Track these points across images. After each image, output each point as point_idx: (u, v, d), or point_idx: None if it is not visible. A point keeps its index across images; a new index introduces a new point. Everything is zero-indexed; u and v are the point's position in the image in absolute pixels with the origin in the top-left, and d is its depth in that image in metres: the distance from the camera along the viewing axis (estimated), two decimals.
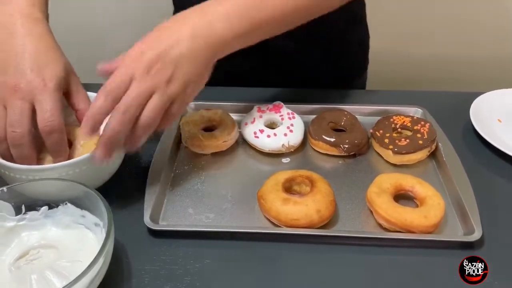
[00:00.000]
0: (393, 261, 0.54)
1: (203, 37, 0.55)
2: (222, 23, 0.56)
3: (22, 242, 0.52)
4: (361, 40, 0.93)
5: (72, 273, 0.46)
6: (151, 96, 0.53)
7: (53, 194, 0.53)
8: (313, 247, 0.55)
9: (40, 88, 0.54)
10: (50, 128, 0.54)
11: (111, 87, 0.53)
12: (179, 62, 0.54)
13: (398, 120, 0.70)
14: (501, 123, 0.75)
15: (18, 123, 0.54)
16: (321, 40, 0.85)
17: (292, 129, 0.68)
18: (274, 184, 0.59)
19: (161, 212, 0.59)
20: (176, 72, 0.54)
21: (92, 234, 0.53)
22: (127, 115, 0.52)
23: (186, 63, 0.54)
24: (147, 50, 0.54)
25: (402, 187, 0.60)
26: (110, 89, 0.52)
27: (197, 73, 0.56)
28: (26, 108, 0.54)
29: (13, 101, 0.54)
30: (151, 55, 0.53)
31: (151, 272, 0.52)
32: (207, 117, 0.72)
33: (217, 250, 0.55)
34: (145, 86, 0.53)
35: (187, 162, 0.68)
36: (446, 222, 0.58)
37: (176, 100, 0.55)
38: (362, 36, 0.93)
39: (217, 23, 0.56)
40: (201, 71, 0.56)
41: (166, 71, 0.53)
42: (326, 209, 0.56)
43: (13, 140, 0.54)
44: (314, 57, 0.86)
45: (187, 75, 0.55)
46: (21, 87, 0.54)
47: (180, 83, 0.54)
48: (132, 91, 0.52)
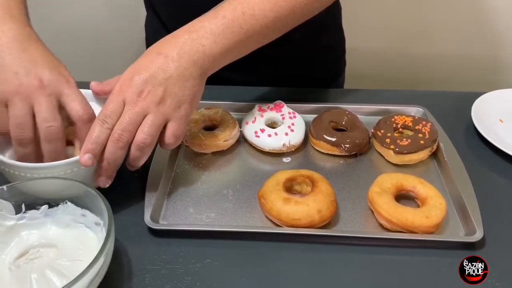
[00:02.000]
0: (394, 261, 0.53)
1: (190, 55, 0.57)
2: (208, 40, 0.57)
3: (22, 241, 0.52)
4: (333, 44, 0.92)
5: (72, 272, 0.46)
6: (144, 118, 0.55)
7: (53, 193, 0.53)
8: (314, 247, 0.55)
9: (65, 83, 0.56)
10: (88, 116, 0.56)
11: (105, 114, 0.54)
12: (168, 83, 0.55)
13: (400, 120, 0.70)
14: (503, 123, 0.74)
15: (52, 117, 0.54)
16: (294, 44, 0.84)
17: (293, 129, 0.68)
18: (275, 184, 0.59)
19: (161, 212, 0.59)
20: (167, 93, 0.55)
21: (92, 233, 0.52)
22: (122, 141, 0.54)
23: (175, 83, 0.56)
24: (136, 75, 0.56)
25: (403, 187, 0.60)
26: (104, 117, 0.54)
27: (187, 92, 0.57)
28: (55, 103, 0.55)
29: (41, 97, 0.54)
30: (140, 79, 0.55)
31: (151, 272, 0.52)
32: (208, 116, 0.71)
33: (217, 249, 0.55)
34: (137, 109, 0.54)
35: (187, 161, 0.68)
36: (448, 222, 0.58)
37: (172, 119, 0.56)
38: (333, 40, 0.92)
39: (203, 40, 0.57)
40: (193, 87, 0.57)
41: (156, 93, 0.55)
42: (327, 209, 0.56)
43: (50, 135, 0.54)
44: (287, 61, 0.86)
45: (178, 94, 0.56)
46: (46, 84, 0.55)
47: (172, 102, 0.56)
48: (124, 117, 0.54)
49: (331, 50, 0.93)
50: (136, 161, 0.56)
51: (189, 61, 0.56)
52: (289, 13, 0.62)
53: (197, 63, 0.57)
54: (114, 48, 1.31)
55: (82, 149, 0.54)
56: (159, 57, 0.56)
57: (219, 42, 0.58)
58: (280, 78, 0.86)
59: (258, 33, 0.60)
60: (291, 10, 0.61)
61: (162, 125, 0.56)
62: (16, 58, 0.55)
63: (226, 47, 0.58)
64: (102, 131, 0.54)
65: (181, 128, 0.58)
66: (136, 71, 0.56)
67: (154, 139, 0.55)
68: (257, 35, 0.61)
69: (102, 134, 0.54)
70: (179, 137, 0.58)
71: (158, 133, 0.56)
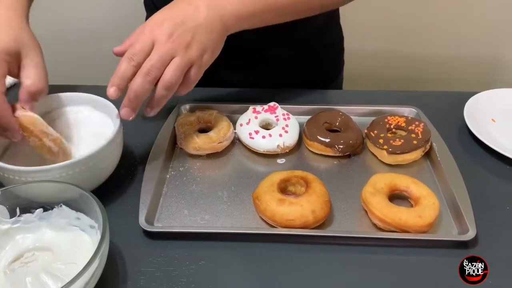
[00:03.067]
0: (388, 261, 0.54)
1: (218, 9, 0.61)
2: (236, 1, 0.62)
3: (16, 245, 0.52)
4: (334, 42, 0.93)
5: (67, 276, 0.45)
6: (172, 60, 0.58)
7: (48, 196, 0.53)
8: (308, 247, 0.55)
9: None
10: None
11: (134, 51, 0.57)
12: (196, 31, 0.59)
13: (393, 120, 0.70)
14: (495, 123, 0.75)
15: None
16: (291, 42, 0.85)
17: (287, 130, 0.68)
18: (270, 185, 0.59)
19: (156, 214, 0.59)
20: (194, 39, 0.59)
21: (87, 236, 0.52)
22: (150, 75, 0.57)
23: (203, 32, 0.59)
24: (167, 19, 0.59)
25: (396, 187, 0.60)
26: (133, 54, 0.57)
27: (212, 42, 0.61)
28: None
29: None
30: (171, 23, 0.58)
31: (146, 274, 0.52)
32: (202, 118, 0.72)
33: (212, 251, 0.55)
34: (166, 49, 0.57)
35: (182, 163, 0.68)
36: (441, 221, 0.58)
37: (194, 65, 0.60)
38: (335, 38, 0.93)
39: (230, 0, 0.62)
40: (216, 40, 0.61)
41: (185, 38, 0.58)
42: (321, 210, 0.56)
43: None
44: (288, 61, 0.87)
45: (204, 42, 0.60)
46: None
47: (198, 48, 0.59)
48: (154, 54, 0.57)
49: (332, 48, 0.93)
50: (161, 100, 0.59)
51: (216, 15, 0.60)
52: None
53: (223, 18, 0.61)
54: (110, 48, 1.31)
55: (109, 83, 0.57)
56: (189, 7, 0.60)
57: (244, 4, 0.62)
58: (281, 79, 0.86)
59: (279, 8, 0.65)
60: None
61: (186, 69, 0.59)
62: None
63: (249, 12, 0.63)
64: (129, 68, 0.57)
65: (199, 74, 0.61)
66: (167, 16, 0.59)
67: (179, 80, 0.59)
68: (278, 9, 0.65)
69: (128, 71, 0.57)
70: (195, 82, 0.61)
71: (182, 76, 0.59)
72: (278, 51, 0.85)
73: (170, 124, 0.71)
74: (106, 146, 0.57)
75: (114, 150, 0.60)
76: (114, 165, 0.62)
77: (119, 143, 0.61)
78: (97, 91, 0.65)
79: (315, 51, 0.89)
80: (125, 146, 0.64)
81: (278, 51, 0.85)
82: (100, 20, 1.33)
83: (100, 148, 0.56)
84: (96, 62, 1.33)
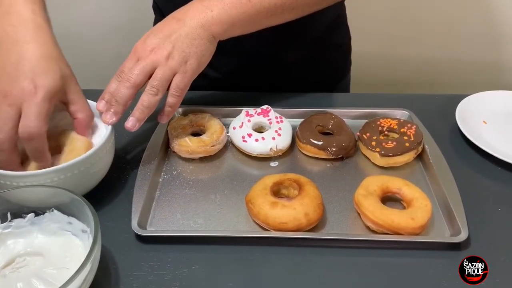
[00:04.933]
0: (381, 263, 0.54)
1: (199, 18, 0.63)
2: (217, 7, 0.63)
3: (8, 250, 0.52)
4: (343, 42, 0.94)
5: (59, 280, 0.45)
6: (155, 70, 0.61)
7: (39, 201, 0.53)
8: (302, 250, 0.55)
9: (29, 95, 0.54)
10: (28, 135, 0.54)
11: (121, 71, 0.61)
12: (177, 41, 0.61)
13: (385, 123, 0.70)
14: (486, 125, 0.75)
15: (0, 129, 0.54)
16: (303, 43, 0.85)
17: (280, 133, 0.69)
18: (262, 188, 0.59)
19: (149, 218, 0.59)
20: (175, 48, 0.61)
21: (79, 240, 0.52)
22: (129, 81, 0.60)
23: (184, 40, 0.62)
24: (150, 35, 0.62)
25: (389, 189, 0.60)
26: (120, 71, 0.61)
27: (195, 48, 0.62)
28: (12, 114, 0.54)
29: (2, 107, 0.54)
30: (153, 38, 0.62)
31: (139, 278, 0.52)
32: (195, 122, 0.72)
33: (205, 255, 0.55)
34: (148, 61, 0.61)
35: (175, 167, 0.68)
36: (433, 223, 0.58)
37: (178, 72, 0.61)
38: (344, 38, 0.94)
39: (213, 7, 0.63)
40: (200, 46, 0.62)
41: (165, 49, 0.61)
42: (314, 212, 0.56)
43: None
44: (297, 60, 0.87)
45: (185, 50, 0.61)
46: (13, 93, 0.54)
47: (180, 56, 0.61)
48: (137, 65, 0.61)
49: (340, 48, 0.94)
50: (149, 106, 0.61)
51: (197, 23, 0.62)
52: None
53: (205, 25, 0.62)
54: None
55: (100, 98, 0.61)
56: (173, 20, 0.63)
57: (227, 10, 0.63)
58: (292, 80, 0.88)
59: (267, 10, 0.65)
60: None
61: (170, 79, 0.61)
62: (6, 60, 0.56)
63: (233, 16, 0.63)
64: (117, 85, 0.61)
65: (184, 81, 0.62)
66: (152, 32, 0.63)
67: (162, 90, 0.61)
68: (266, 11, 0.65)
69: (116, 87, 0.60)
70: (183, 90, 0.62)
71: (166, 86, 0.61)
72: (289, 53, 0.85)
73: (163, 128, 0.71)
74: (98, 151, 0.57)
75: (106, 154, 0.60)
76: (106, 170, 0.61)
77: (111, 148, 0.61)
78: (88, 95, 0.65)
79: (325, 51, 0.89)
80: (118, 150, 0.64)
81: (289, 53, 0.85)
82: (95, 24, 1.33)
83: (92, 152, 0.56)
84: (89, 66, 1.33)
